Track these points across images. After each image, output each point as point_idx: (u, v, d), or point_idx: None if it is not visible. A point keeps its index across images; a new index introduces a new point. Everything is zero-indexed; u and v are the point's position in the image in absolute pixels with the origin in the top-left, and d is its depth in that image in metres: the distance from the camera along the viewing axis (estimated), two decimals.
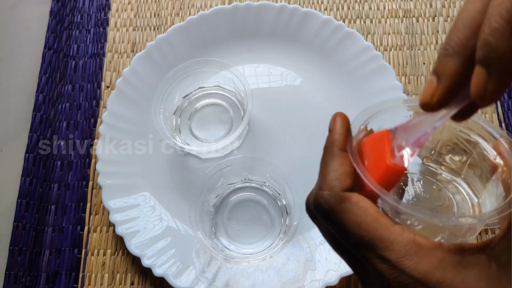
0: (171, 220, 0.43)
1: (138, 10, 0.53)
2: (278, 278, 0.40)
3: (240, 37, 0.48)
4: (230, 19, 0.48)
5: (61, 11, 0.53)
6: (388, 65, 0.45)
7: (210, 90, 0.46)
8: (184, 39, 0.47)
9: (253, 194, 0.43)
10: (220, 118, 0.46)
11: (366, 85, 0.45)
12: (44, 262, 0.43)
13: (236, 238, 0.42)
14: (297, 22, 0.47)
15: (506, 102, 0.46)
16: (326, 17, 0.46)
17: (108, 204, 0.42)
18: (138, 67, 0.46)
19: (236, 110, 0.46)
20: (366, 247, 0.21)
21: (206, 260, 0.41)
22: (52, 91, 0.50)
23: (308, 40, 0.47)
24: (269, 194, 0.43)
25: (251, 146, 0.45)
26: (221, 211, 0.43)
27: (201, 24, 0.47)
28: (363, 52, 0.45)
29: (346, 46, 0.46)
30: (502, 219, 0.24)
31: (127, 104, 0.46)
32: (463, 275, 0.20)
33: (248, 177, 0.43)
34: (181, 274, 0.40)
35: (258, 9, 0.48)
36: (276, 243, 0.40)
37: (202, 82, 0.46)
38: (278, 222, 0.42)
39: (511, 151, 0.24)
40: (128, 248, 0.41)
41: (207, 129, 0.45)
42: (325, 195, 0.23)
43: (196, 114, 0.46)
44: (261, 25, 0.48)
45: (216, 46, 0.48)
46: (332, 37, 0.46)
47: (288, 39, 0.48)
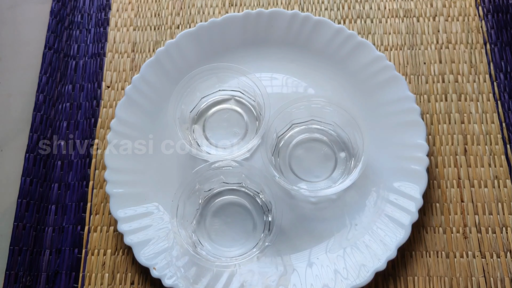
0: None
1: (139, 10, 0.53)
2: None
3: (251, 45, 0.48)
4: (241, 26, 0.48)
5: (62, 11, 0.53)
6: (400, 76, 0.44)
7: (229, 94, 0.46)
8: (194, 45, 0.47)
9: (233, 196, 0.43)
10: (233, 131, 0.45)
11: (378, 96, 0.45)
12: (44, 262, 0.43)
13: (218, 240, 0.42)
14: (309, 30, 0.47)
15: (506, 102, 0.46)
16: (338, 26, 0.46)
17: (117, 214, 0.42)
18: (148, 73, 0.46)
19: (251, 119, 0.45)
20: None
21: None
22: (52, 91, 0.50)
23: (320, 49, 0.47)
24: (248, 194, 0.43)
25: (258, 158, 0.44)
26: (204, 213, 0.43)
27: (212, 31, 0.47)
28: (374, 62, 0.45)
29: (357, 56, 0.46)
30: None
31: (137, 111, 0.46)
32: None
33: (223, 180, 0.43)
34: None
35: (269, 17, 0.48)
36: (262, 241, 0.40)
37: (223, 85, 0.46)
38: (260, 220, 0.42)
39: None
40: (137, 259, 0.41)
41: (220, 134, 0.45)
42: None
43: (212, 117, 0.46)
44: (272, 33, 0.48)
45: (227, 54, 0.48)
46: (344, 46, 0.46)
47: (299, 48, 0.48)
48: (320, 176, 0.43)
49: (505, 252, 0.41)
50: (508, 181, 0.43)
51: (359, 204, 0.42)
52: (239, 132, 0.45)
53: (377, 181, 0.43)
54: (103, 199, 0.45)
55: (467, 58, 0.48)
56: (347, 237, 0.41)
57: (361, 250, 0.40)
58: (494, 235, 0.42)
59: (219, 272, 0.40)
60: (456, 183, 0.44)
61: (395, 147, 0.43)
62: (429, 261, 0.41)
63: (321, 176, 0.43)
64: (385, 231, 0.41)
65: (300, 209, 0.43)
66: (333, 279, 0.39)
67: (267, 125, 0.41)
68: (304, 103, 0.42)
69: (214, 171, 0.41)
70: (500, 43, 0.49)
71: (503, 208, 0.43)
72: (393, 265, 0.41)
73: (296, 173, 0.43)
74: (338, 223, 0.42)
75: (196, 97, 0.45)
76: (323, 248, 0.41)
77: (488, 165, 0.44)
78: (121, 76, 0.50)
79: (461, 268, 0.41)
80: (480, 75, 0.48)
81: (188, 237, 0.40)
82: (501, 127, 0.45)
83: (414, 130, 0.43)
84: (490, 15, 0.50)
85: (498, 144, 0.45)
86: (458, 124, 0.46)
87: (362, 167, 0.39)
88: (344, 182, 0.39)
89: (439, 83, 0.48)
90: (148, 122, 0.46)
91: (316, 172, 0.43)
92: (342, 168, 0.43)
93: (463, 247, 0.42)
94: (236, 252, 0.41)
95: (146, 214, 0.43)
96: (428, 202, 0.43)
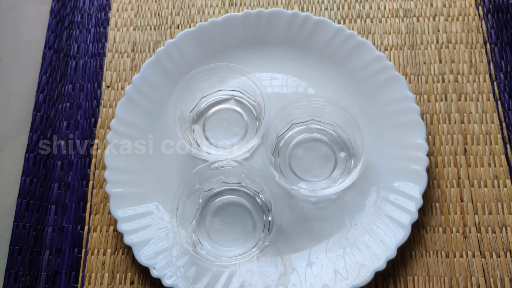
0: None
1: (139, 10, 0.53)
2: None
3: (251, 45, 0.48)
4: (241, 26, 0.48)
5: (62, 10, 0.53)
6: (400, 76, 0.44)
7: (229, 94, 0.46)
8: (194, 45, 0.47)
9: (233, 196, 0.43)
10: (233, 130, 0.45)
11: (378, 95, 0.45)
12: (44, 261, 0.43)
13: (218, 240, 0.42)
14: (309, 30, 0.47)
15: (506, 101, 0.46)
16: (338, 26, 0.46)
17: (116, 213, 0.42)
18: (148, 73, 0.46)
19: (251, 119, 0.45)
20: None
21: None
22: (52, 90, 0.50)
23: (320, 48, 0.47)
24: (247, 193, 0.43)
25: (258, 157, 0.43)
26: (204, 213, 0.43)
27: (212, 30, 0.47)
28: (374, 62, 0.45)
29: (357, 56, 0.46)
30: None
31: (137, 111, 0.46)
32: None
33: (223, 180, 0.43)
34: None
35: (269, 17, 0.47)
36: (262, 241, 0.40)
37: (223, 85, 0.46)
38: (260, 220, 0.42)
39: None
40: (137, 258, 0.41)
41: (220, 134, 0.45)
42: None
43: (212, 116, 0.46)
44: (272, 32, 0.48)
45: (227, 54, 0.48)
46: (344, 46, 0.46)
47: (299, 48, 0.48)
48: (320, 176, 0.43)
49: (504, 252, 0.41)
50: (508, 180, 0.43)
51: (359, 204, 0.42)
52: (239, 132, 0.45)
53: (377, 180, 0.43)
54: (103, 199, 0.45)
55: (467, 58, 0.48)
56: (347, 236, 0.41)
57: (361, 250, 0.40)
58: (494, 234, 0.42)
59: (219, 272, 0.40)
60: (456, 183, 0.44)
61: (395, 146, 0.43)
62: (429, 261, 0.41)
63: (321, 176, 0.43)
64: (385, 231, 0.41)
65: (300, 209, 0.43)
66: (333, 279, 0.39)
67: (267, 125, 0.41)
68: (304, 103, 0.42)
69: (214, 171, 0.41)
70: (500, 42, 0.49)
71: (503, 208, 0.43)
72: (393, 265, 0.41)
73: (296, 173, 0.43)
74: (338, 223, 0.42)
75: (196, 97, 0.45)
76: (323, 248, 0.41)
77: (488, 165, 0.44)
78: (121, 76, 0.50)
79: (460, 268, 0.41)
80: (480, 75, 0.48)
81: (188, 237, 0.40)
82: (501, 127, 0.45)
83: (414, 130, 0.43)
84: (490, 15, 0.50)
85: (498, 144, 0.45)
86: (458, 124, 0.46)
87: (362, 167, 0.39)
88: (344, 182, 0.39)
89: (439, 83, 0.48)
90: (148, 122, 0.46)
91: (316, 172, 0.43)
92: (342, 168, 0.43)
93: (463, 246, 0.42)
94: (236, 251, 0.41)
95: (146, 214, 0.43)
96: (428, 202, 0.43)
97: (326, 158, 0.44)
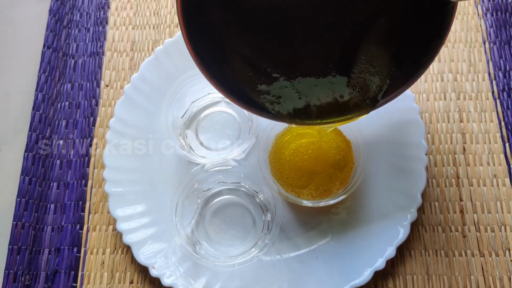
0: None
1: (138, 9, 0.53)
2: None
3: None
4: None
5: (61, 9, 0.53)
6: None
7: (219, 96, 0.46)
8: None
9: (232, 196, 0.43)
10: (226, 133, 0.45)
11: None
12: (43, 261, 0.43)
13: (217, 240, 0.42)
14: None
15: (505, 100, 0.46)
16: None
17: (116, 213, 0.42)
18: (146, 73, 0.46)
19: (244, 119, 0.45)
20: None
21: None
22: (51, 90, 0.49)
23: None
24: (246, 193, 0.43)
25: (255, 157, 0.43)
26: (203, 213, 0.43)
27: None
28: None
29: None
30: None
31: (136, 110, 0.46)
32: None
33: (222, 180, 0.43)
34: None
35: None
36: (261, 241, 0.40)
37: (212, 88, 0.45)
38: (259, 219, 0.42)
39: None
40: (136, 258, 0.41)
41: (213, 136, 0.45)
42: None
43: (204, 120, 0.46)
44: None
45: None
46: None
47: None
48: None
49: (503, 250, 0.41)
50: (507, 179, 0.44)
51: (359, 203, 0.42)
52: (232, 134, 0.45)
53: (376, 180, 0.43)
54: (102, 198, 0.45)
55: (466, 56, 0.48)
56: (347, 236, 0.41)
57: (360, 249, 0.40)
58: (493, 234, 0.42)
59: (218, 272, 0.40)
60: (455, 181, 0.44)
61: (394, 145, 0.43)
62: (428, 260, 0.41)
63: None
64: (384, 230, 0.41)
65: (300, 208, 0.43)
66: (333, 279, 0.39)
67: (261, 124, 0.40)
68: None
69: (213, 171, 0.41)
70: (499, 41, 0.49)
71: (502, 206, 0.43)
72: (392, 264, 0.41)
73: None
74: (337, 222, 0.42)
75: (186, 102, 0.45)
76: (323, 248, 0.41)
77: (487, 163, 0.44)
78: (120, 75, 0.50)
79: (460, 267, 0.41)
80: (479, 74, 0.48)
81: (187, 237, 0.40)
82: (500, 125, 0.45)
83: (413, 129, 0.43)
84: (489, 14, 0.50)
85: (497, 142, 0.45)
86: (457, 123, 0.46)
87: (361, 173, 0.39)
88: (340, 196, 0.40)
89: (438, 82, 0.48)
90: (147, 121, 0.46)
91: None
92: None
93: (462, 245, 0.42)
94: (235, 251, 0.41)
95: (145, 213, 0.43)
96: (427, 200, 0.43)
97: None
